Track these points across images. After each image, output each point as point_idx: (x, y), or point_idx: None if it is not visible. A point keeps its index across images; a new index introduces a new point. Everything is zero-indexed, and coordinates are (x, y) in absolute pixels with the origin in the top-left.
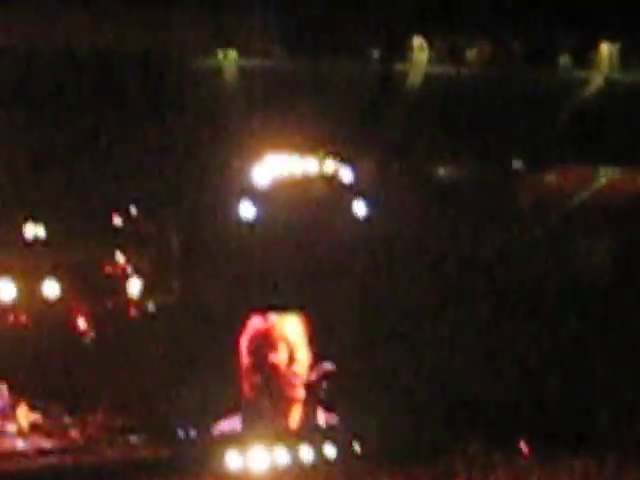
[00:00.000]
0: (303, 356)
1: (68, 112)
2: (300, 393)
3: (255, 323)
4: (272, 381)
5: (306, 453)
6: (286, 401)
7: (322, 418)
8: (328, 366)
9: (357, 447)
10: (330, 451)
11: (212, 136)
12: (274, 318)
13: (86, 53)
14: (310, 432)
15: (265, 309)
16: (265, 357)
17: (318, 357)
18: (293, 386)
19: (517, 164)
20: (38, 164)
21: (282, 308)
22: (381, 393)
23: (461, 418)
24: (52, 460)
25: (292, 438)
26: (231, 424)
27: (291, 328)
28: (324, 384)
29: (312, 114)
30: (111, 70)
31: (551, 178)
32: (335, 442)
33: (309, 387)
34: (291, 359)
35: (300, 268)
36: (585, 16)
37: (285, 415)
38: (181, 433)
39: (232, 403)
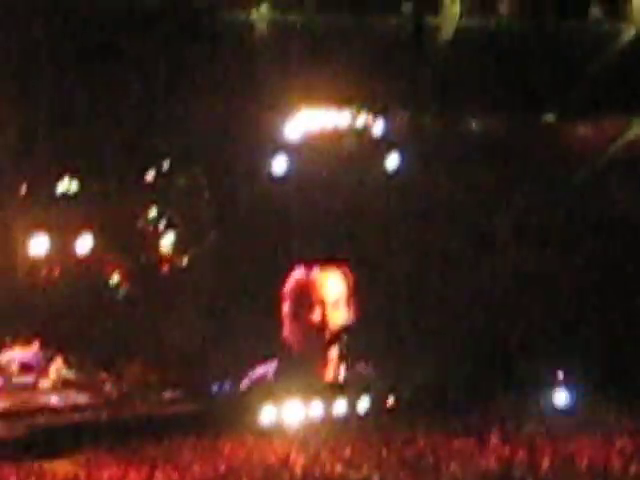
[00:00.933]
0: (338, 318)
1: (102, 66)
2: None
3: (297, 274)
4: (308, 334)
5: (339, 406)
6: (320, 357)
7: (343, 372)
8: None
9: (391, 401)
10: (364, 404)
11: (244, 91)
12: (315, 273)
13: (116, 6)
14: (341, 386)
15: (304, 262)
16: (303, 309)
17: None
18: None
19: (549, 117)
20: (72, 118)
21: (324, 261)
22: (415, 347)
23: (494, 371)
24: (86, 415)
25: (326, 391)
26: (264, 370)
27: (331, 286)
28: (344, 337)
29: (344, 68)
30: (144, 23)
31: (584, 130)
32: (369, 395)
33: (330, 342)
34: (324, 321)
35: (332, 223)
36: None
37: (319, 370)
38: (215, 388)
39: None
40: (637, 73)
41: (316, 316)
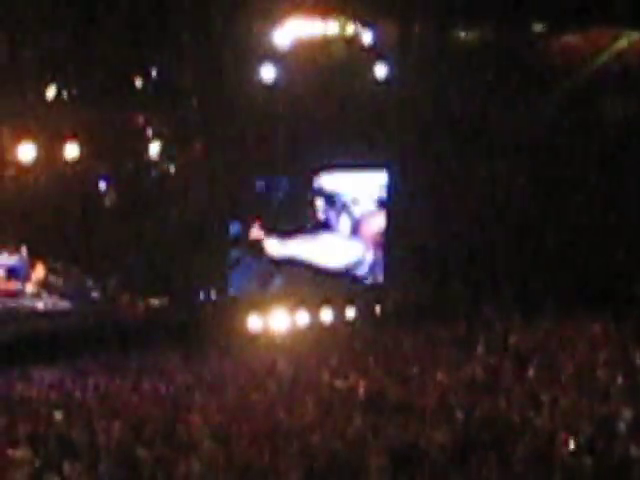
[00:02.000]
0: None
1: None
2: None
3: None
4: None
5: (326, 315)
6: None
7: None
8: None
9: (378, 309)
10: (350, 313)
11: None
12: None
13: None
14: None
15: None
16: None
17: None
18: None
19: (538, 26)
20: (60, 26)
21: None
22: (404, 258)
23: (482, 283)
24: (72, 322)
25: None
26: None
27: None
28: None
29: None
30: None
31: (572, 40)
32: (355, 304)
33: None
34: None
35: (320, 130)
36: None
37: None
38: (202, 295)
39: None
40: None
41: None
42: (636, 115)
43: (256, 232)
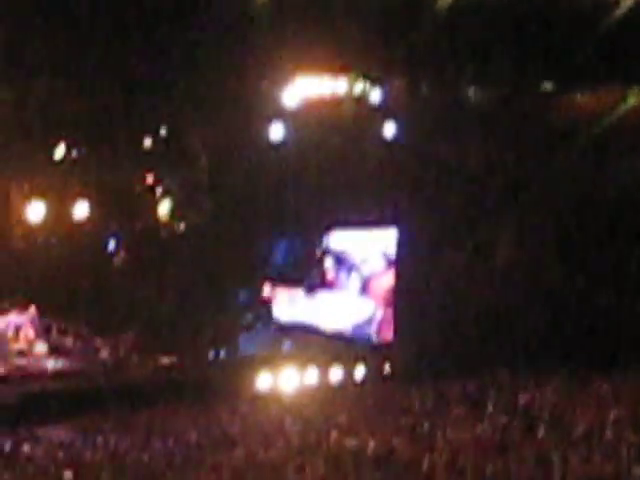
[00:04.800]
0: None
1: (99, 35)
2: None
3: None
4: None
5: (335, 374)
6: None
7: None
8: None
9: (388, 368)
10: (360, 372)
11: (242, 58)
12: None
13: None
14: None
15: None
16: None
17: None
18: None
19: (548, 85)
20: (70, 86)
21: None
22: (414, 315)
23: (491, 342)
24: (82, 381)
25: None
26: None
27: None
28: None
29: (342, 35)
30: None
31: (582, 99)
32: (366, 363)
33: None
34: None
35: (329, 189)
36: None
37: None
38: (212, 354)
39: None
40: (634, 43)
41: None
42: None
43: (267, 290)
